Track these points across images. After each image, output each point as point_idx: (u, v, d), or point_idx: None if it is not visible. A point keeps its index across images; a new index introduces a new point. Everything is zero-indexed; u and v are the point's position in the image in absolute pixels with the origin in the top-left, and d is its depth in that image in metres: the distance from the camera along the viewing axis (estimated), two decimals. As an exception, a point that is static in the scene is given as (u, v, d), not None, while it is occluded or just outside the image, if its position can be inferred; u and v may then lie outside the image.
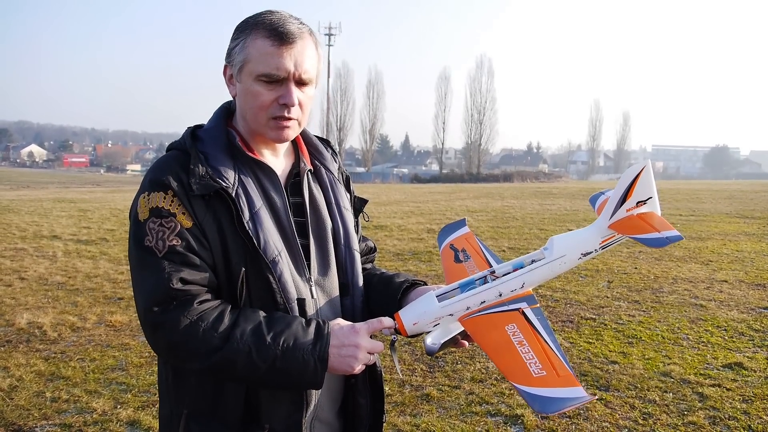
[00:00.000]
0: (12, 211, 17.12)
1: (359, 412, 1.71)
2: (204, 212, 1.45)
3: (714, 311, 6.76)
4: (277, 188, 1.58)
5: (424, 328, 1.57)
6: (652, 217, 1.64)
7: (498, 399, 4.44)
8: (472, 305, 1.57)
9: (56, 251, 10.52)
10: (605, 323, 6.29)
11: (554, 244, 1.66)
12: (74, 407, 4.31)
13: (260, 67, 1.47)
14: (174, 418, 1.55)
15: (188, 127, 1.60)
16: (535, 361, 1.41)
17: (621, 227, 1.63)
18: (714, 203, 20.94)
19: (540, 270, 1.63)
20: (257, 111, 1.51)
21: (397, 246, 11.29)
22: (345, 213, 1.73)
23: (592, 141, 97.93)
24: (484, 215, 17.18)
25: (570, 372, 1.39)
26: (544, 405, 1.33)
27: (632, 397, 4.44)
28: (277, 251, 1.50)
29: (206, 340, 1.37)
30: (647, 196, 1.62)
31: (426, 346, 1.58)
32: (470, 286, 1.62)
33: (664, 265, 9.40)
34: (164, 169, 1.48)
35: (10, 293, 7.53)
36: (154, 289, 1.39)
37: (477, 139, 69.50)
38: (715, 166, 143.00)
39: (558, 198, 24.42)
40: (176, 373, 1.55)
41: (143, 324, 1.44)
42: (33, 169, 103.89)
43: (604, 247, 1.67)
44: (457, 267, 1.89)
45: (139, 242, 1.43)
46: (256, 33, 1.48)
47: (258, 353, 1.37)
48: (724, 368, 5.03)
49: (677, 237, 1.59)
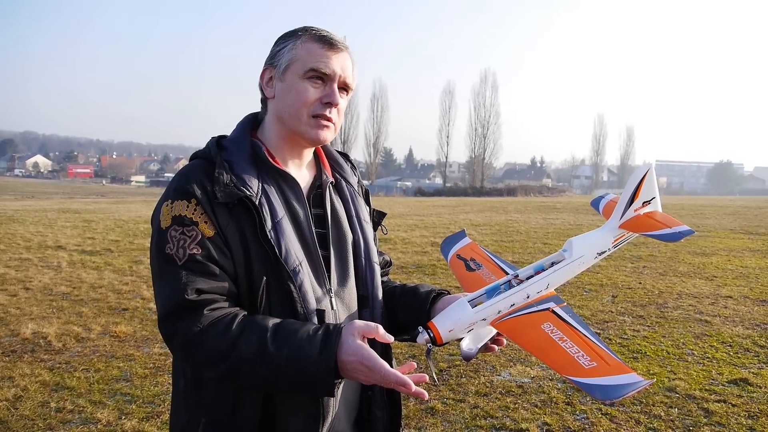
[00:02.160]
0: (17, 221, 17.18)
1: (376, 424, 1.70)
2: (227, 220, 1.47)
3: (719, 327, 6.74)
4: (300, 199, 1.59)
5: (459, 334, 1.59)
6: (656, 215, 1.78)
7: (503, 413, 4.43)
8: (503, 309, 1.61)
9: (61, 261, 10.55)
10: (609, 338, 6.27)
11: (573, 245, 1.75)
12: (79, 418, 4.31)
13: (309, 63, 1.53)
14: (191, 427, 1.54)
15: (213, 137, 1.63)
16: (582, 354, 1.43)
17: (631, 226, 1.76)
18: (718, 219, 20.89)
19: (562, 270, 1.72)
20: (300, 107, 1.55)
21: (401, 259, 11.29)
22: (365, 226, 1.75)
23: (596, 156, 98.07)
24: (487, 229, 17.18)
25: (619, 360, 1.41)
26: (606, 393, 1.33)
27: (637, 412, 4.43)
28: (298, 261, 1.50)
29: (215, 347, 1.38)
30: (651, 196, 1.78)
31: (463, 352, 1.59)
32: (497, 290, 1.66)
33: (668, 281, 9.38)
34: (189, 177, 1.50)
35: (15, 303, 7.55)
36: (169, 299, 1.41)
37: (481, 153, 69.63)
38: (719, 181, 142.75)
39: (561, 212, 24.39)
40: (195, 382, 1.56)
41: (162, 333, 1.45)
42: (38, 179, 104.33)
43: (616, 246, 1.81)
44: (471, 275, 1.93)
45: (161, 250, 1.45)
46: (305, 38, 1.56)
47: (262, 361, 1.36)
48: (729, 384, 5.01)
49: (688, 231, 1.71)
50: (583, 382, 1.36)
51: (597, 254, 1.77)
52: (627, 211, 1.76)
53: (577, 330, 1.53)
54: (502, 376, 5.17)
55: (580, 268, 1.75)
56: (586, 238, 1.78)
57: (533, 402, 4.63)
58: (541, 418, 4.34)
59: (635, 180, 1.75)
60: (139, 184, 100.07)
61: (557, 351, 1.46)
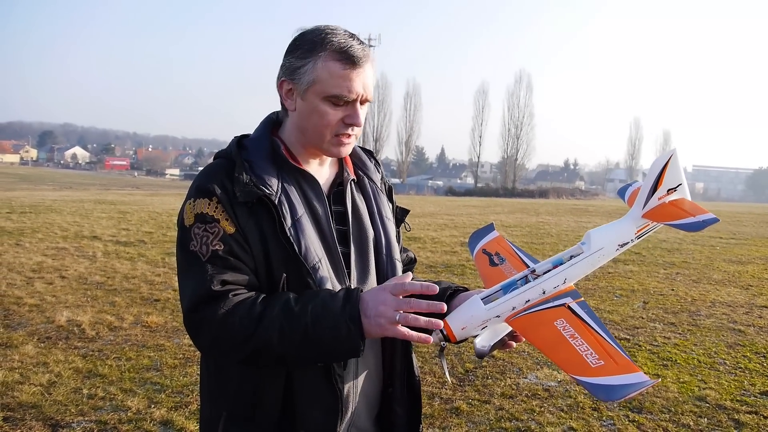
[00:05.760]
0: (55, 210, 17.55)
1: (396, 421, 1.71)
2: (247, 219, 1.49)
3: (753, 337, 6.60)
4: (320, 197, 1.61)
5: (473, 332, 1.57)
6: (684, 203, 1.66)
7: (528, 416, 4.40)
8: (517, 305, 1.58)
9: (96, 251, 10.77)
10: (639, 344, 6.19)
11: (591, 237, 1.67)
12: (110, 405, 4.40)
13: (331, 89, 1.50)
14: (213, 420, 1.58)
15: (235, 137, 1.64)
16: (591, 352, 1.40)
17: (655, 215, 1.65)
18: (756, 227, 20.43)
19: (580, 264, 1.64)
20: (323, 129, 1.54)
21: (430, 258, 11.28)
22: (387, 223, 1.75)
23: (631, 159, 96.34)
24: (518, 230, 17.06)
25: (628, 359, 1.38)
26: (608, 393, 1.32)
27: (666, 421, 4.37)
28: (318, 258, 1.52)
29: (243, 326, 1.40)
30: (677, 183, 1.65)
31: (476, 350, 1.58)
32: (513, 286, 1.62)
33: (702, 288, 9.22)
34: (210, 177, 1.52)
35: (51, 291, 7.73)
36: (196, 291, 1.44)
37: (513, 153, 69.13)
38: (758, 188, 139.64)
39: (594, 216, 24.10)
40: (217, 375, 1.59)
41: (187, 326, 1.48)
42: (76, 170, 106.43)
43: (639, 237, 1.69)
44: (493, 270, 1.89)
45: (185, 247, 1.48)
46: (326, 56, 1.50)
47: (289, 326, 1.39)
48: (761, 395, 4.91)
49: (713, 219, 1.60)
50: (587, 382, 1.34)
51: (618, 246, 1.68)
52: (650, 200, 1.64)
53: (589, 326, 1.50)
54: (528, 378, 5.14)
55: (600, 261, 1.67)
56: (605, 230, 1.70)
57: (559, 406, 4.59)
58: (567, 423, 4.31)
59: (658, 166, 1.62)
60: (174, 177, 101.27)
61: (566, 349, 1.44)
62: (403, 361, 1.73)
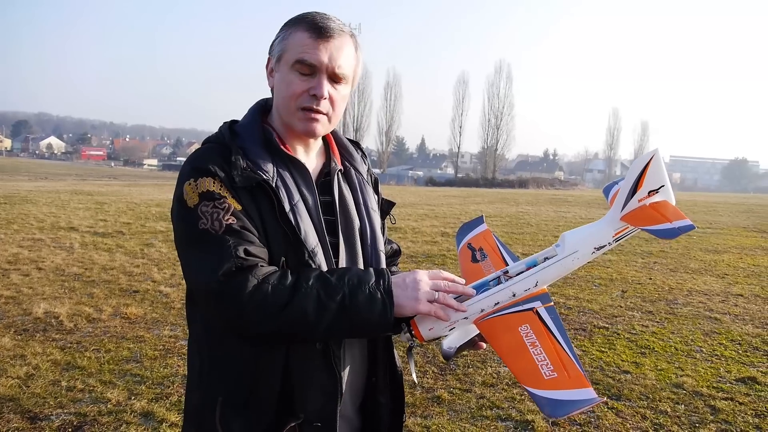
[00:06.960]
0: (30, 201, 17.31)
1: (379, 410, 1.71)
2: (249, 202, 1.47)
3: (728, 325, 6.71)
4: (309, 185, 1.59)
5: (440, 332, 1.54)
6: (665, 207, 1.56)
7: (509, 404, 4.44)
8: (486, 307, 1.54)
9: (73, 242, 10.64)
10: (618, 332, 6.27)
11: (566, 240, 1.61)
12: (89, 397, 4.36)
13: (296, 55, 1.50)
14: (207, 407, 1.54)
15: (225, 122, 1.63)
16: (547, 363, 1.38)
17: (633, 219, 1.56)
18: (731, 216, 20.75)
19: (553, 267, 1.59)
20: (288, 99, 1.53)
21: (411, 248, 11.30)
22: (372, 214, 1.74)
23: (610, 150, 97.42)
24: (498, 220, 17.14)
25: (581, 372, 1.36)
26: (554, 408, 1.30)
27: (644, 408, 4.43)
28: (315, 242, 1.52)
29: (276, 295, 1.37)
30: (659, 184, 1.56)
31: (442, 351, 1.57)
32: (484, 287, 1.59)
33: (679, 277, 9.35)
34: (206, 159, 1.50)
35: (27, 283, 7.63)
36: (219, 261, 1.37)
37: (493, 144, 69.51)
38: (734, 179, 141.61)
39: (573, 206, 24.30)
40: (213, 361, 1.56)
41: (208, 296, 1.40)
42: (51, 160, 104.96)
43: (617, 240, 1.62)
44: (474, 267, 1.87)
45: (193, 228, 1.42)
46: (297, 26, 1.53)
47: (326, 294, 1.38)
48: (737, 382, 5.00)
49: (688, 226, 1.50)
50: (537, 394, 1.32)
51: (594, 249, 1.60)
52: (630, 202, 1.55)
53: (552, 335, 1.46)
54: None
55: (574, 264, 1.60)
56: (581, 232, 1.63)
57: (539, 394, 4.62)
58: (547, 411, 4.34)
59: (638, 166, 1.53)
60: (152, 168, 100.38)
61: (524, 358, 1.42)
62: (385, 352, 1.73)
